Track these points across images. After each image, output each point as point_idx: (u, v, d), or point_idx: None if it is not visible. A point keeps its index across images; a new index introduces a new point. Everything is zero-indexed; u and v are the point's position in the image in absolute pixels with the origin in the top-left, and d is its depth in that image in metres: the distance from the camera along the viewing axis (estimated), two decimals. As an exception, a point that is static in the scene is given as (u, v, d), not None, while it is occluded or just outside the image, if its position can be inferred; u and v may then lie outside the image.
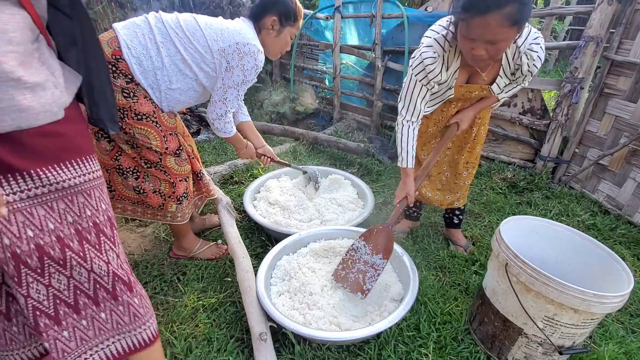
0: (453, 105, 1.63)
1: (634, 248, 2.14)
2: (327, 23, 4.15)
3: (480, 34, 1.16)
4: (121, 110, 1.40)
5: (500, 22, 1.10)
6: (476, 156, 1.79)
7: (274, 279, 1.63)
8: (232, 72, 1.49)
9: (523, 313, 1.22)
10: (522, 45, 1.32)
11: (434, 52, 1.37)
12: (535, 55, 1.32)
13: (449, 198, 1.89)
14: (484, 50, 1.21)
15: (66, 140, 0.80)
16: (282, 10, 1.57)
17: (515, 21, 1.11)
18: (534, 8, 2.97)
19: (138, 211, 1.70)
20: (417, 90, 1.47)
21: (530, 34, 1.31)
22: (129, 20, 1.43)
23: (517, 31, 1.16)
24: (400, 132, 1.57)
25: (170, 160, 1.57)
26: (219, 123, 1.62)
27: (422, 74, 1.42)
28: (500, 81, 1.46)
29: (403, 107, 1.54)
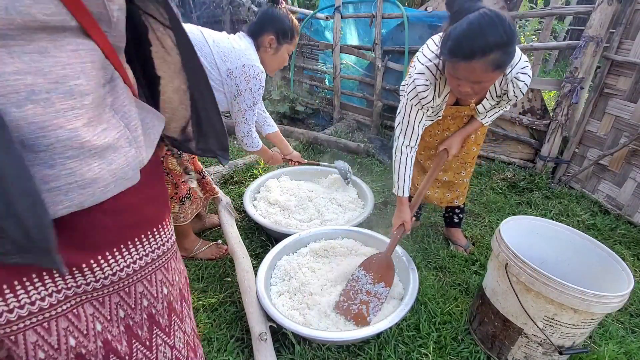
0: (449, 119, 1.67)
1: (634, 248, 2.14)
2: (327, 23, 4.15)
3: (465, 76, 1.22)
4: None
5: (484, 68, 1.16)
6: (473, 155, 1.80)
7: (274, 279, 1.63)
8: (243, 95, 1.56)
9: (523, 313, 1.22)
10: (509, 73, 1.36)
11: (425, 79, 1.40)
12: (522, 83, 1.36)
13: (449, 196, 1.90)
14: (469, 88, 1.27)
15: (135, 214, 0.61)
16: (279, 29, 1.60)
17: (499, 66, 1.16)
18: (534, 8, 2.97)
19: None
20: (413, 114, 1.49)
21: (519, 62, 1.35)
22: None
23: (501, 73, 1.22)
24: (398, 161, 1.58)
25: (172, 162, 1.58)
26: (248, 139, 1.76)
27: (416, 100, 1.45)
28: (486, 103, 1.52)
29: (401, 132, 1.55)
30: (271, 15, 1.60)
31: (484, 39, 1.10)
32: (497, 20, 1.09)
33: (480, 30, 1.10)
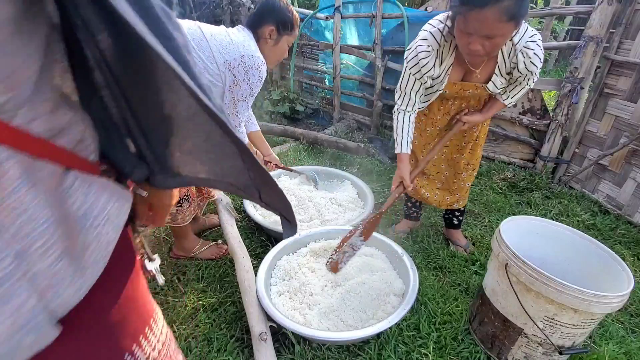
0: (450, 102, 1.63)
1: (634, 248, 2.14)
2: (327, 23, 4.14)
3: (477, 28, 1.16)
4: None
5: (498, 17, 1.10)
6: (477, 157, 1.78)
7: (274, 279, 1.63)
8: (240, 85, 1.51)
9: (523, 313, 1.22)
10: (518, 43, 1.31)
11: (428, 45, 1.38)
12: (532, 52, 1.30)
13: (448, 199, 1.89)
14: (480, 45, 1.21)
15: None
16: (279, 20, 1.58)
17: (513, 16, 1.11)
18: (534, 8, 2.96)
19: None
20: (410, 84, 1.51)
21: (527, 31, 1.31)
22: None
23: (514, 27, 1.16)
24: (396, 119, 1.60)
25: None
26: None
27: (416, 68, 1.43)
28: (496, 80, 1.45)
29: (399, 97, 1.58)
30: (271, 6, 1.58)
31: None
32: None
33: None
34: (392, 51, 3.51)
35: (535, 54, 1.31)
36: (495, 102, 1.58)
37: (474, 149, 1.76)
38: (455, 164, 1.81)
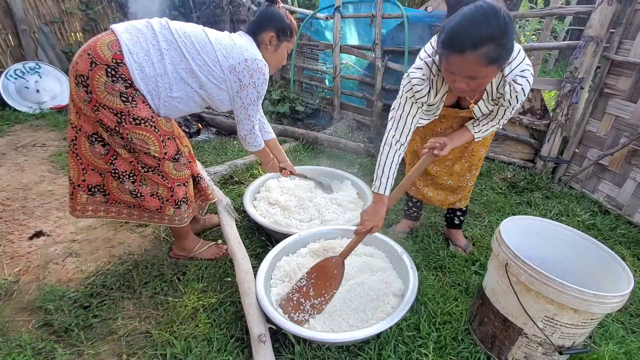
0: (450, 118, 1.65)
1: (634, 248, 2.14)
2: (327, 23, 4.15)
3: (459, 71, 1.17)
4: (119, 115, 1.39)
5: (477, 62, 1.11)
6: (479, 158, 1.77)
7: (273, 280, 1.63)
8: (247, 90, 1.54)
9: (523, 313, 1.22)
10: (508, 75, 1.30)
11: (422, 74, 1.38)
12: (519, 87, 1.29)
13: (451, 198, 1.89)
14: (465, 84, 1.21)
15: None
16: (279, 26, 1.60)
17: (492, 60, 1.11)
18: (534, 8, 2.96)
19: (134, 214, 1.69)
20: (407, 107, 1.46)
21: (520, 65, 1.29)
22: (130, 23, 1.41)
23: (497, 69, 1.16)
24: (385, 155, 1.49)
25: (168, 166, 1.56)
26: (251, 138, 1.72)
27: (411, 93, 1.42)
28: (481, 105, 1.45)
29: (392, 125, 1.50)
30: (270, 14, 1.61)
31: (476, 32, 1.06)
32: (491, 12, 1.05)
33: (472, 22, 1.06)
34: (392, 51, 3.51)
35: (523, 89, 1.30)
36: (464, 132, 1.56)
37: (475, 151, 1.75)
38: (459, 170, 1.81)
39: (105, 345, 1.44)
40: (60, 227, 2.17)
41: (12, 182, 2.65)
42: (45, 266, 1.85)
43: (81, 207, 1.61)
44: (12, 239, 2.04)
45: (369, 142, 3.47)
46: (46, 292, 1.64)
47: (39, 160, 3.03)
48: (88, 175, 1.56)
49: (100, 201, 1.62)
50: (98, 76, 1.32)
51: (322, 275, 1.54)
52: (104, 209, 1.65)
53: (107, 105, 1.36)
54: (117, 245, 2.04)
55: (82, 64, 1.33)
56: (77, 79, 1.35)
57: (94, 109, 1.38)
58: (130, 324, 1.53)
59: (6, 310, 1.58)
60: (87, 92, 1.35)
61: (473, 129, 1.55)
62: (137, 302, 1.64)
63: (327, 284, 1.52)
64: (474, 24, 1.06)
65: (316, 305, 1.47)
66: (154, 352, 1.39)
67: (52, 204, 2.40)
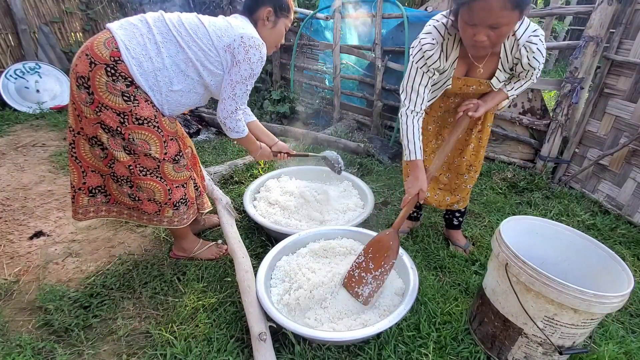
0: (451, 100, 1.62)
1: (634, 248, 2.14)
2: (327, 23, 4.14)
3: (482, 18, 1.15)
4: (121, 115, 1.38)
5: (503, 4, 1.09)
6: (480, 159, 1.77)
7: (273, 279, 1.63)
8: (239, 66, 1.47)
9: (523, 313, 1.22)
10: (520, 37, 1.30)
11: (432, 38, 1.36)
12: (535, 47, 1.30)
13: (448, 199, 1.88)
14: (485, 36, 1.19)
15: None
16: (276, 2, 1.57)
17: (517, 4, 1.10)
18: (534, 8, 2.96)
19: (134, 216, 1.69)
20: (418, 78, 1.44)
21: (530, 27, 1.31)
22: (124, 20, 1.39)
23: (519, 15, 1.15)
24: (405, 124, 1.51)
25: (168, 167, 1.54)
26: (231, 122, 1.57)
27: (422, 61, 1.40)
28: (499, 75, 1.44)
29: (406, 97, 1.50)
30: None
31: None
32: None
33: None
34: (392, 51, 3.51)
35: (539, 49, 1.31)
36: (498, 93, 1.54)
37: (477, 151, 1.75)
38: (456, 167, 1.80)
39: (105, 345, 1.44)
40: (60, 227, 2.17)
41: (12, 182, 2.65)
42: (45, 266, 1.85)
43: (83, 210, 1.61)
44: (12, 239, 2.04)
45: (369, 142, 3.46)
46: (46, 292, 1.64)
47: (39, 160, 3.03)
48: (88, 177, 1.55)
49: (101, 201, 1.62)
50: (99, 76, 1.32)
51: (378, 249, 1.56)
52: (105, 208, 1.65)
53: (109, 105, 1.35)
54: (117, 245, 2.04)
55: (81, 65, 1.32)
56: (78, 81, 1.34)
57: (96, 110, 1.37)
58: (130, 324, 1.53)
59: (6, 310, 1.58)
60: (89, 93, 1.34)
61: (505, 88, 1.53)
62: (137, 302, 1.64)
63: (386, 255, 1.54)
64: None
65: (378, 276, 1.50)
66: (154, 352, 1.39)
67: (52, 204, 2.40)
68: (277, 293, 1.55)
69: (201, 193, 1.83)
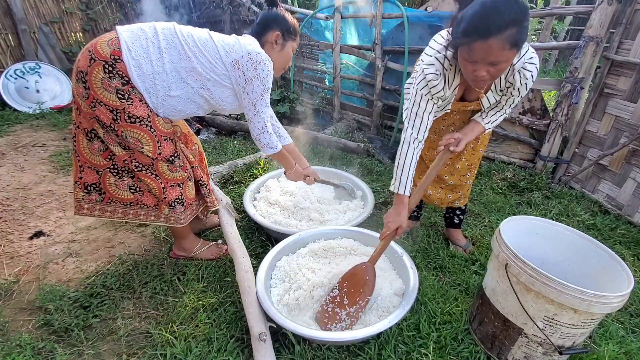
0: (454, 114, 1.67)
1: (634, 248, 2.14)
2: (327, 23, 4.14)
3: (482, 57, 1.19)
4: (114, 112, 1.39)
5: (502, 45, 1.14)
6: (478, 157, 1.79)
7: (273, 280, 1.63)
8: (252, 83, 1.50)
9: (523, 313, 1.22)
10: (516, 63, 1.34)
11: (435, 70, 1.39)
12: (529, 74, 1.34)
13: (450, 197, 1.90)
14: (485, 72, 1.24)
15: None
16: (284, 26, 1.63)
17: (515, 43, 1.15)
18: (534, 8, 2.96)
19: (129, 213, 1.68)
20: (423, 105, 1.46)
21: (527, 53, 1.33)
22: (135, 25, 1.43)
23: (517, 52, 1.20)
24: (404, 153, 1.49)
25: (162, 166, 1.55)
26: (264, 137, 1.62)
27: (426, 89, 1.43)
28: (490, 96, 1.48)
29: (409, 124, 1.50)
30: (274, 15, 1.63)
31: (500, 16, 1.10)
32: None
33: (495, 7, 1.10)
34: (392, 51, 3.51)
35: (532, 75, 1.34)
36: (475, 125, 1.58)
37: (476, 150, 1.77)
38: (459, 170, 1.82)
39: (105, 345, 1.44)
40: (60, 227, 2.17)
41: (12, 182, 2.65)
42: (45, 266, 1.85)
43: (78, 204, 1.63)
44: (12, 239, 2.04)
45: (369, 142, 3.47)
46: (46, 292, 1.64)
47: (39, 160, 3.03)
48: (85, 173, 1.57)
49: (95, 200, 1.63)
50: (96, 72, 1.34)
51: (354, 284, 1.51)
52: (99, 207, 1.66)
53: (103, 101, 1.37)
54: (117, 245, 2.04)
55: (82, 61, 1.36)
56: (77, 75, 1.38)
57: (91, 105, 1.39)
58: (130, 324, 1.53)
59: (6, 310, 1.58)
60: (85, 87, 1.37)
61: (482, 121, 1.57)
62: (137, 302, 1.64)
63: (361, 291, 1.48)
64: (497, 9, 1.10)
65: (352, 313, 1.44)
66: (154, 352, 1.39)
67: (52, 204, 2.40)
68: (277, 293, 1.55)
69: (210, 191, 1.85)
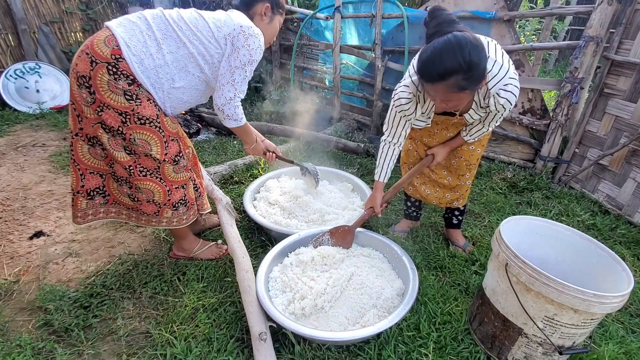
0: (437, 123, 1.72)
1: (634, 248, 2.14)
2: (327, 23, 4.15)
3: (433, 95, 1.29)
4: (123, 115, 1.37)
5: (448, 90, 1.22)
6: (477, 157, 1.79)
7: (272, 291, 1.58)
8: (238, 52, 1.46)
9: (523, 313, 1.22)
10: (492, 88, 1.36)
11: (409, 92, 1.50)
12: (503, 100, 1.35)
13: (449, 196, 1.89)
14: (444, 104, 1.33)
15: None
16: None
17: (462, 88, 1.20)
18: (534, 8, 2.96)
19: (132, 216, 1.68)
20: (397, 120, 1.63)
21: (503, 79, 1.33)
22: (123, 18, 1.39)
23: (470, 94, 1.26)
24: (381, 149, 1.75)
25: (168, 168, 1.54)
26: (229, 108, 1.52)
27: (400, 108, 1.55)
28: (472, 113, 1.53)
29: (387, 130, 1.70)
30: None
31: (442, 65, 1.16)
32: (457, 47, 1.14)
33: (439, 56, 1.17)
34: (392, 51, 3.51)
35: (508, 100, 1.35)
36: (457, 138, 1.72)
37: (474, 150, 1.76)
38: (456, 168, 1.82)
39: (105, 345, 1.44)
40: (60, 227, 2.17)
41: (12, 182, 2.65)
42: (45, 266, 1.85)
43: (82, 213, 1.60)
44: (12, 239, 2.04)
45: (369, 142, 3.47)
46: (46, 292, 1.64)
47: (39, 160, 3.03)
48: (87, 179, 1.54)
49: (99, 203, 1.62)
50: (100, 75, 1.31)
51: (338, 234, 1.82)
52: (103, 210, 1.64)
53: (111, 105, 1.35)
54: (117, 245, 2.04)
55: (82, 65, 1.32)
56: (79, 80, 1.33)
57: (97, 110, 1.36)
58: (130, 324, 1.53)
59: (6, 310, 1.58)
60: (91, 92, 1.33)
61: (462, 133, 1.69)
62: (137, 302, 1.64)
63: (342, 240, 1.81)
64: (441, 57, 1.17)
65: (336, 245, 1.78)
66: (154, 352, 1.39)
67: (52, 204, 2.40)
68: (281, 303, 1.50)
69: (201, 194, 1.82)
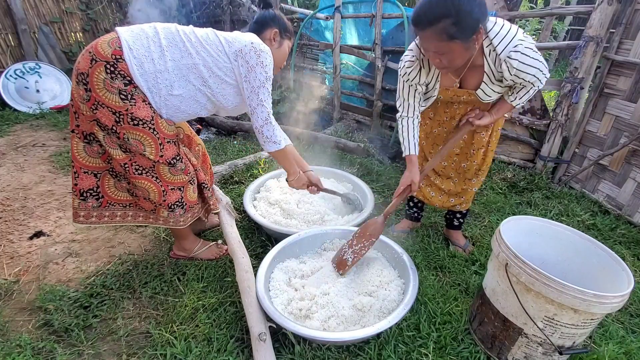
0: (455, 106, 1.63)
1: (634, 248, 2.14)
2: (327, 23, 4.15)
3: (426, 47, 1.29)
4: (117, 114, 1.37)
5: (437, 37, 1.22)
6: (488, 163, 1.77)
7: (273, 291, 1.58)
8: (255, 71, 1.48)
9: (523, 313, 1.22)
10: (501, 53, 1.31)
11: (412, 55, 1.48)
12: (515, 62, 1.29)
13: (452, 201, 1.88)
14: (438, 60, 1.31)
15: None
16: (281, 25, 1.68)
17: (452, 36, 1.20)
18: (534, 8, 2.96)
19: (129, 215, 1.67)
20: (405, 89, 1.59)
21: (512, 41, 1.28)
22: (135, 26, 1.43)
23: (462, 44, 1.23)
24: (400, 124, 1.67)
25: (163, 169, 1.53)
26: (267, 129, 1.54)
27: (405, 76, 1.54)
28: (485, 88, 1.45)
29: (400, 104, 1.65)
30: (271, 14, 1.67)
31: (430, 11, 1.20)
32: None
33: (429, 2, 1.20)
34: (392, 51, 3.51)
35: (522, 62, 1.29)
36: (503, 103, 1.55)
37: (485, 154, 1.74)
38: (465, 171, 1.80)
39: (105, 345, 1.44)
40: (60, 227, 2.17)
41: (12, 182, 2.65)
42: (45, 266, 1.85)
43: (74, 212, 1.61)
44: (12, 239, 2.04)
45: (369, 142, 3.46)
46: (46, 292, 1.64)
47: (39, 160, 3.03)
48: (80, 179, 1.54)
49: (92, 206, 1.61)
50: (97, 73, 1.32)
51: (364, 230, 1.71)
52: (96, 214, 1.63)
53: (105, 103, 1.36)
54: (117, 245, 2.04)
55: (83, 62, 1.34)
56: (78, 77, 1.35)
57: (92, 107, 1.37)
58: (130, 324, 1.53)
59: (6, 310, 1.58)
60: (87, 89, 1.35)
61: (509, 98, 1.51)
62: (137, 302, 1.64)
63: (368, 234, 1.69)
64: (430, 3, 1.20)
65: (356, 250, 1.64)
66: (154, 352, 1.39)
67: (52, 204, 2.40)
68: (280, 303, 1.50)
69: (212, 194, 1.83)
